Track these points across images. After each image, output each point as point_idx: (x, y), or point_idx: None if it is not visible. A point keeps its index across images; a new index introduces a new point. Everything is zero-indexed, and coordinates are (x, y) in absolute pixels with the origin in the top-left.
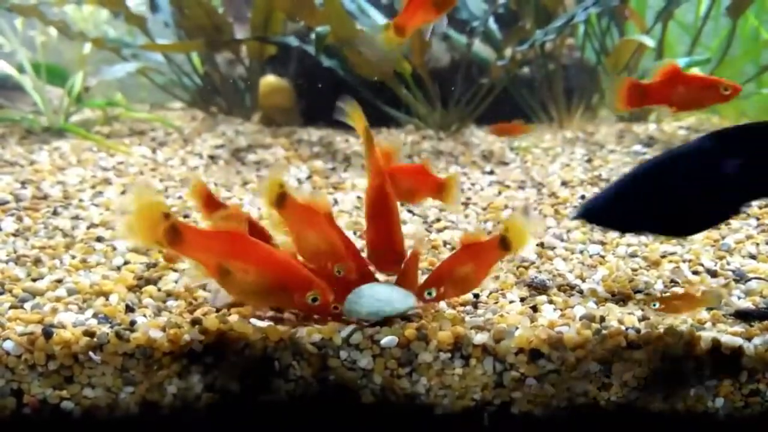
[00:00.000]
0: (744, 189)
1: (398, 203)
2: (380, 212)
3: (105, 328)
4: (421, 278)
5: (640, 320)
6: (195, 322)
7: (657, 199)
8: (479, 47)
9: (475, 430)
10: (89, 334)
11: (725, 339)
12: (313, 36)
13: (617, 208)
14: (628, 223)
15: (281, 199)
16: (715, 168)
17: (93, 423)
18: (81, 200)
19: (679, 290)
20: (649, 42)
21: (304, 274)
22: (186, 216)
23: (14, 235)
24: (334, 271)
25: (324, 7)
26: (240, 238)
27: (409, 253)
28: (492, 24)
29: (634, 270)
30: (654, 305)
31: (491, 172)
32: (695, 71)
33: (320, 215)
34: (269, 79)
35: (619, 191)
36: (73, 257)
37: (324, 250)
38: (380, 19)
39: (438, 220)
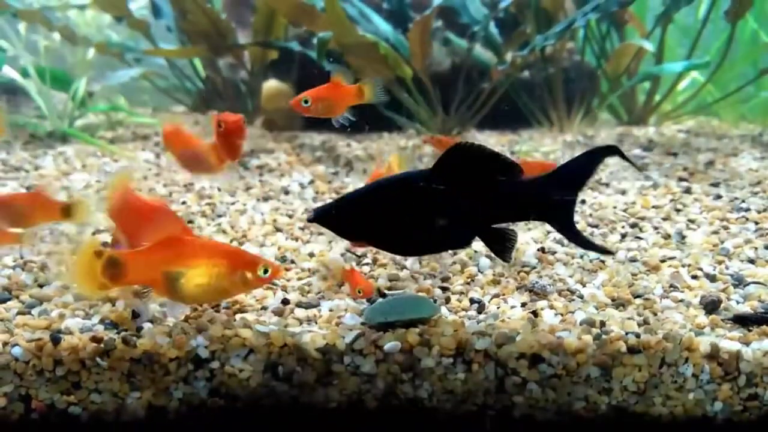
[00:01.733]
0: (457, 218)
1: None
2: None
3: (112, 334)
4: None
5: (639, 325)
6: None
7: (374, 216)
8: (480, 52)
9: None
10: (96, 340)
11: (724, 344)
12: (314, 41)
13: (344, 217)
14: (353, 232)
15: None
16: (425, 196)
17: (100, 428)
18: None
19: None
20: (648, 46)
21: (246, 253)
22: (190, 221)
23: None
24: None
25: (326, 13)
26: (181, 241)
27: None
28: (493, 28)
29: (633, 275)
30: None
31: None
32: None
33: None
34: (271, 84)
35: (346, 201)
36: None
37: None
38: (382, 24)
39: None
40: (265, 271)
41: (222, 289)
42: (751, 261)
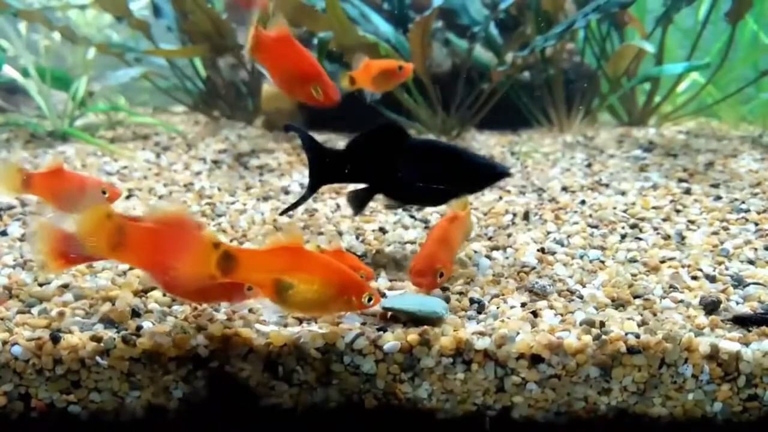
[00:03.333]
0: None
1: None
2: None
3: (112, 333)
4: None
5: (639, 325)
6: (200, 327)
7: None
8: (481, 52)
9: None
10: (96, 339)
11: (723, 344)
12: (315, 41)
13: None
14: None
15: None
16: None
17: (100, 427)
18: None
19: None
20: (648, 47)
21: (355, 277)
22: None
23: (20, 239)
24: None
25: (326, 14)
26: (300, 252)
27: None
28: (493, 29)
29: (633, 275)
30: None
31: None
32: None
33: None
34: (271, 84)
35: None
36: None
37: None
38: (383, 24)
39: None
40: (369, 299)
41: (325, 308)
42: (751, 262)
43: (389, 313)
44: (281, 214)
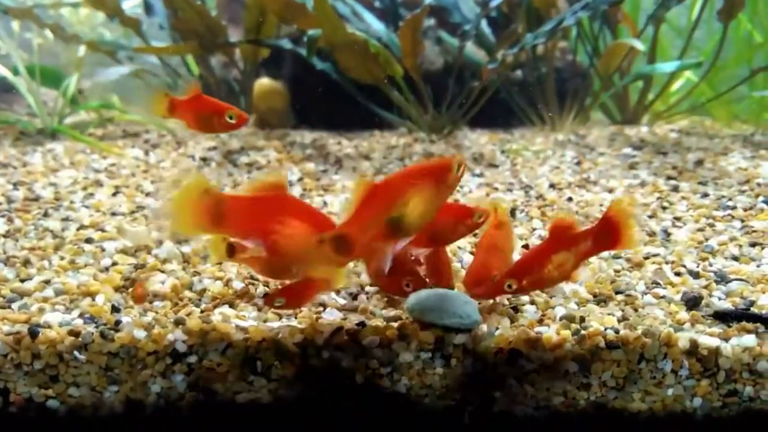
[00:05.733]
0: None
1: None
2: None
3: (90, 328)
4: None
5: (619, 321)
6: (178, 322)
7: None
8: (473, 51)
9: (455, 429)
10: (74, 333)
11: (703, 340)
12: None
13: None
14: None
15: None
16: None
17: (78, 421)
18: (72, 202)
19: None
20: (639, 45)
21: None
22: None
23: (4, 236)
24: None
25: (315, 11)
26: (379, 189)
27: None
28: (486, 27)
29: (616, 271)
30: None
31: (480, 174)
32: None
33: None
34: (263, 82)
35: None
36: (62, 258)
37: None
38: (375, 22)
39: None
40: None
41: (435, 209)
42: (735, 258)
43: None
44: None
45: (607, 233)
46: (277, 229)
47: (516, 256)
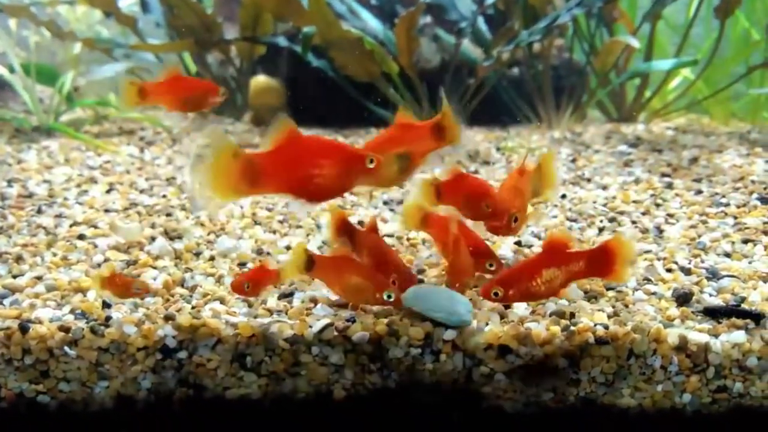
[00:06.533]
0: None
1: None
2: None
3: (81, 324)
4: None
5: (609, 317)
6: (168, 318)
7: None
8: (470, 49)
9: (445, 424)
10: (64, 329)
11: (692, 335)
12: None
13: None
14: None
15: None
16: None
17: (69, 417)
18: (66, 199)
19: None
20: (635, 43)
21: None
22: (168, 214)
23: None
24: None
25: (310, 8)
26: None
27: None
28: (482, 25)
29: None
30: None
31: (475, 172)
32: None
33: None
34: (259, 79)
35: None
36: (55, 255)
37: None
38: (371, 20)
39: None
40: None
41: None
42: (727, 255)
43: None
44: None
45: (601, 261)
46: (316, 172)
47: (508, 252)
